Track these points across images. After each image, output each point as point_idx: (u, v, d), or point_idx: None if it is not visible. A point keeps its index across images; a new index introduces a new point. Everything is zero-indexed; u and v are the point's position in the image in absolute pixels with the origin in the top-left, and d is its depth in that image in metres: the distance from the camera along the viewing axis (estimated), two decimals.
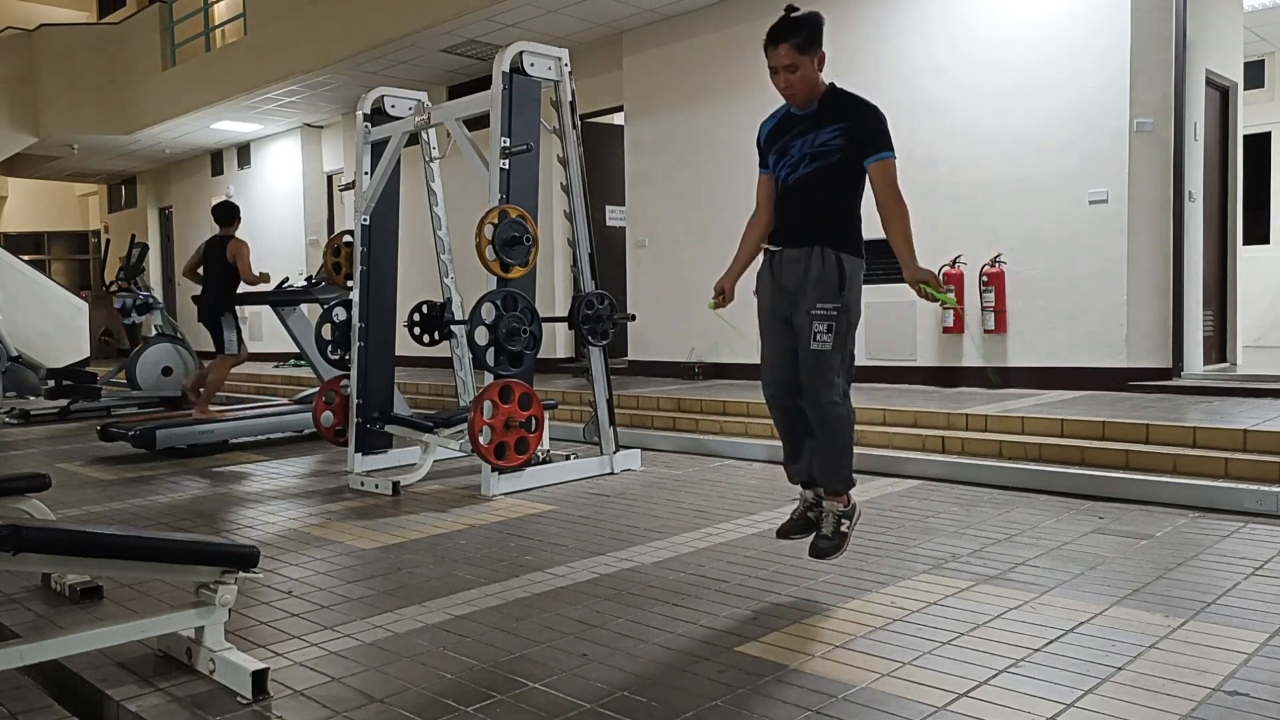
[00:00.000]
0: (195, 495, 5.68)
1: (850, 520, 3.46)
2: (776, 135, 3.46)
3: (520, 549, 4.18)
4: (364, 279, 6.24)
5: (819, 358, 3.25)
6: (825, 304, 3.24)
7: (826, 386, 3.26)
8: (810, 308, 3.26)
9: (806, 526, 3.52)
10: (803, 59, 3.29)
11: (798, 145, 3.35)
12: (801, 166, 3.34)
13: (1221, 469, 4.76)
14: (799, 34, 3.29)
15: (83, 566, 2.75)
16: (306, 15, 11.10)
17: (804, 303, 3.28)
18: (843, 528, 3.42)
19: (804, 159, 3.33)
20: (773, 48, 3.33)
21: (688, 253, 9.24)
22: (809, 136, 3.33)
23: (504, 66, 5.54)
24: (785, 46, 3.29)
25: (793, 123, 3.41)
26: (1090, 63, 6.81)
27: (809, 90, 3.34)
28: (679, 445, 6.84)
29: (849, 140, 3.27)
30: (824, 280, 3.26)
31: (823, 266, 3.27)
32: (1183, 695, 2.47)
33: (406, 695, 2.61)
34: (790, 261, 3.35)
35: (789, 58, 3.29)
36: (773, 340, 3.44)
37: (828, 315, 3.24)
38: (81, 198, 20.84)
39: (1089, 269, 6.87)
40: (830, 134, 3.29)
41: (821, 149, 3.30)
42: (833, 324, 3.23)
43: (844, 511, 3.45)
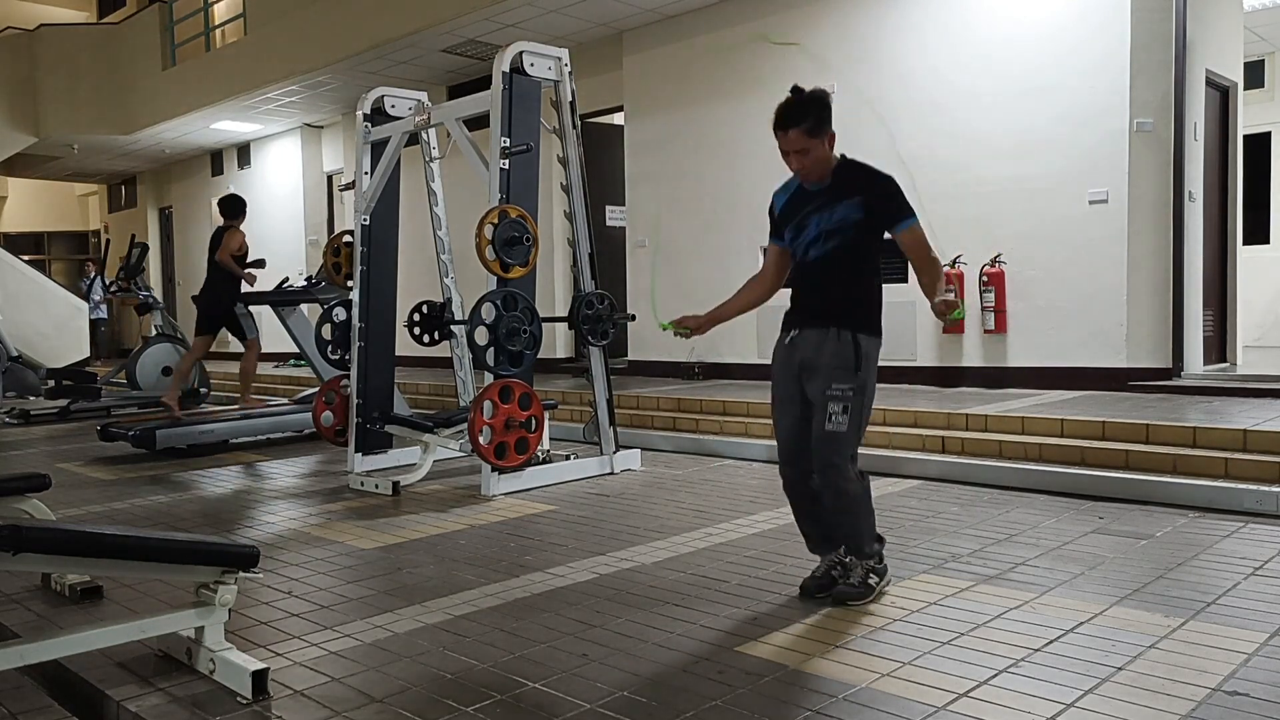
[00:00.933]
0: (195, 495, 5.68)
1: (880, 578, 3.39)
2: (792, 210, 3.46)
3: (520, 549, 4.18)
4: (364, 279, 6.24)
5: (833, 438, 3.26)
6: (841, 385, 3.25)
7: (840, 464, 3.27)
8: (826, 388, 3.26)
9: (831, 584, 3.41)
10: (813, 142, 3.28)
11: (814, 222, 3.35)
12: (819, 244, 3.34)
13: (1221, 469, 4.76)
14: (807, 119, 3.26)
15: (83, 566, 2.75)
16: (306, 15, 11.10)
17: (819, 381, 3.29)
18: (870, 581, 3.35)
19: (821, 236, 3.33)
20: (782, 133, 3.30)
21: (688, 253, 9.24)
22: (825, 213, 3.33)
23: (504, 66, 5.54)
24: (795, 132, 3.27)
25: (807, 198, 3.40)
26: (1090, 63, 6.81)
27: (822, 169, 3.35)
28: (679, 445, 6.84)
29: (867, 214, 3.28)
30: (840, 361, 3.27)
31: (838, 346, 3.28)
32: (1183, 695, 2.47)
33: (406, 695, 2.61)
34: (806, 342, 3.35)
35: (800, 142, 3.28)
36: (785, 420, 3.44)
37: (843, 396, 3.25)
38: (81, 198, 20.84)
39: (1089, 269, 6.87)
40: (848, 209, 3.29)
41: (839, 225, 3.30)
42: (848, 405, 3.24)
43: (873, 568, 3.38)
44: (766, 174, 8.99)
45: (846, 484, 3.28)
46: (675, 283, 9.34)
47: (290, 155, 14.35)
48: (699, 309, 3.24)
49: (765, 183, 9.43)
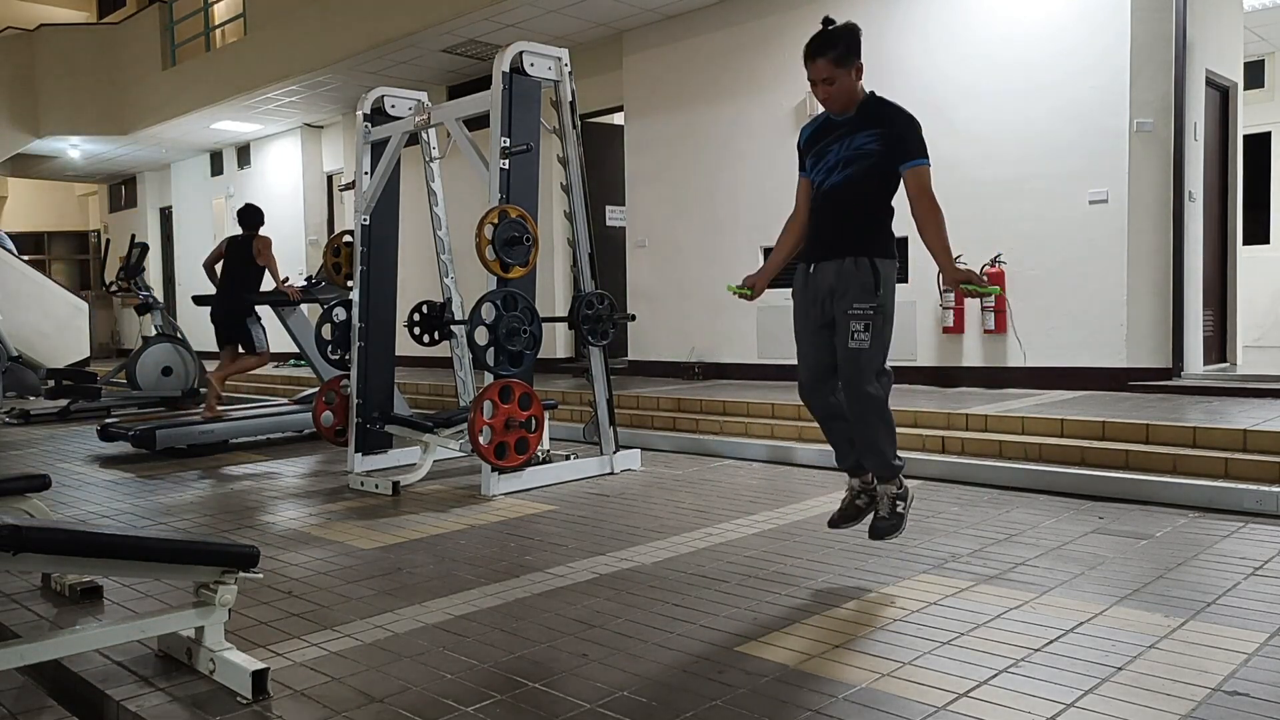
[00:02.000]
0: (195, 495, 5.68)
1: (905, 502, 3.58)
2: (815, 139, 3.56)
3: (520, 549, 4.18)
4: (364, 279, 6.24)
5: (856, 355, 3.37)
6: (861, 304, 3.37)
7: (864, 381, 3.39)
8: (847, 308, 3.38)
9: (855, 515, 3.66)
10: (840, 71, 3.37)
11: (834, 150, 3.46)
12: (836, 171, 3.44)
13: (1221, 469, 4.76)
14: (835, 47, 3.36)
15: (83, 566, 2.75)
16: (306, 15, 11.10)
17: (840, 303, 3.40)
18: (898, 509, 3.56)
19: (839, 163, 3.44)
20: (810, 61, 3.40)
21: (688, 253, 9.24)
22: (845, 141, 3.43)
23: (504, 66, 5.54)
24: (823, 60, 3.37)
25: (831, 128, 3.51)
26: (1090, 63, 6.81)
27: (847, 99, 3.43)
28: (679, 445, 6.84)
29: (884, 145, 3.37)
30: (860, 283, 3.38)
31: (856, 271, 3.39)
32: (1183, 695, 2.47)
33: (406, 695, 2.61)
34: (824, 272, 3.46)
35: (826, 71, 3.37)
36: (809, 346, 3.56)
37: (864, 315, 3.36)
38: (81, 198, 20.84)
39: (1089, 269, 6.87)
40: (866, 139, 3.39)
41: (856, 153, 3.40)
42: (869, 323, 3.36)
43: (898, 494, 3.57)
44: (767, 174, 9.05)
45: (869, 394, 3.40)
46: (675, 282, 9.35)
47: (290, 155, 14.35)
48: (699, 309, 3.26)
49: (765, 183, 9.47)
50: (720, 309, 8.88)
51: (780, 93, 8.38)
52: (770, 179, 8.46)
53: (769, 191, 8.46)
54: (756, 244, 8.67)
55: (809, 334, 3.54)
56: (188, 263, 16.40)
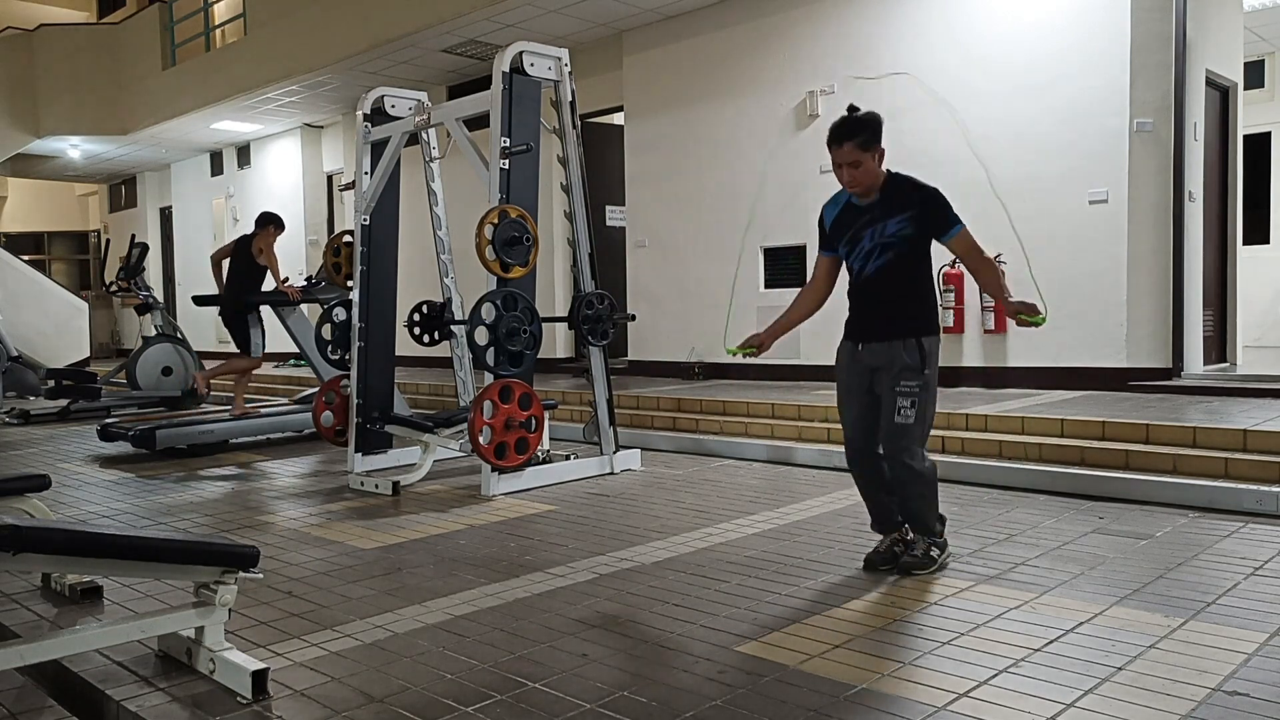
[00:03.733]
0: (195, 495, 5.68)
1: (941, 552, 3.65)
2: (843, 225, 3.64)
3: (520, 549, 4.18)
4: (364, 279, 6.24)
5: (903, 430, 3.51)
6: (908, 383, 3.50)
7: (908, 454, 3.51)
8: (895, 385, 3.52)
9: (893, 559, 3.69)
10: (864, 155, 3.47)
11: (868, 236, 3.56)
12: (874, 258, 3.55)
13: (1221, 469, 4.76)
14: (861, 134, 3.46)
15: (83, 566, 2.75)
16: (306, 15, 11.10)
17: (888, 379, 3.53)
18: (932, 553, 3.62)
19: (875, 249, 3.54)
20: (836, 146, 3.49)
21: (688, 253, 9.24)
22: (878, 227, 3.54)
23: (504, 66, 5.54)
24: (849, 145, 3.46)
25: (858, 212, 3.60)
26: (1090, 63, 6.81)
27: (870, 183, 3.53)
28: (679, 445, 6.84)
29: (917, 229, 3.50)
30: (907, 362, 3.50)
31: (904, 351, 3.51)
32: (1183, 695, 2.47)
33: (406, 695, 2.61)
34: (873, 353, 3.58)
35: (852, 155, 3.47)
36: (855, 418, 3.68)
37: (910, 392, 3.50)
38: (81, 198, 20.83)
39: (1089, 269, 6.87)
40: (898, 224, 3.50)
41: (891, 239, 3.52)
42: (915, 399, 3.50)
43: (935, 542, 3.65)
44: (766, 174, 9.05)
45: (916, 470, 3.52)
46: (675, 282, 9.35)
47: (290, 155, 14.35)
48: (699, 309, 3.27)
49: (765, 183, 9.46)
50: (720, 309, 8.88)
51: (780, 93, 8.38)
52: (770, 179, 8.46)
53: (769, 191, 8.47)
54: (756, 244, 8.68)
55: (855, 407, 3.66)
56: (188, 263, 16.41)
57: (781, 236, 8.45)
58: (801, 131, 8.21)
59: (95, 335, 15.17)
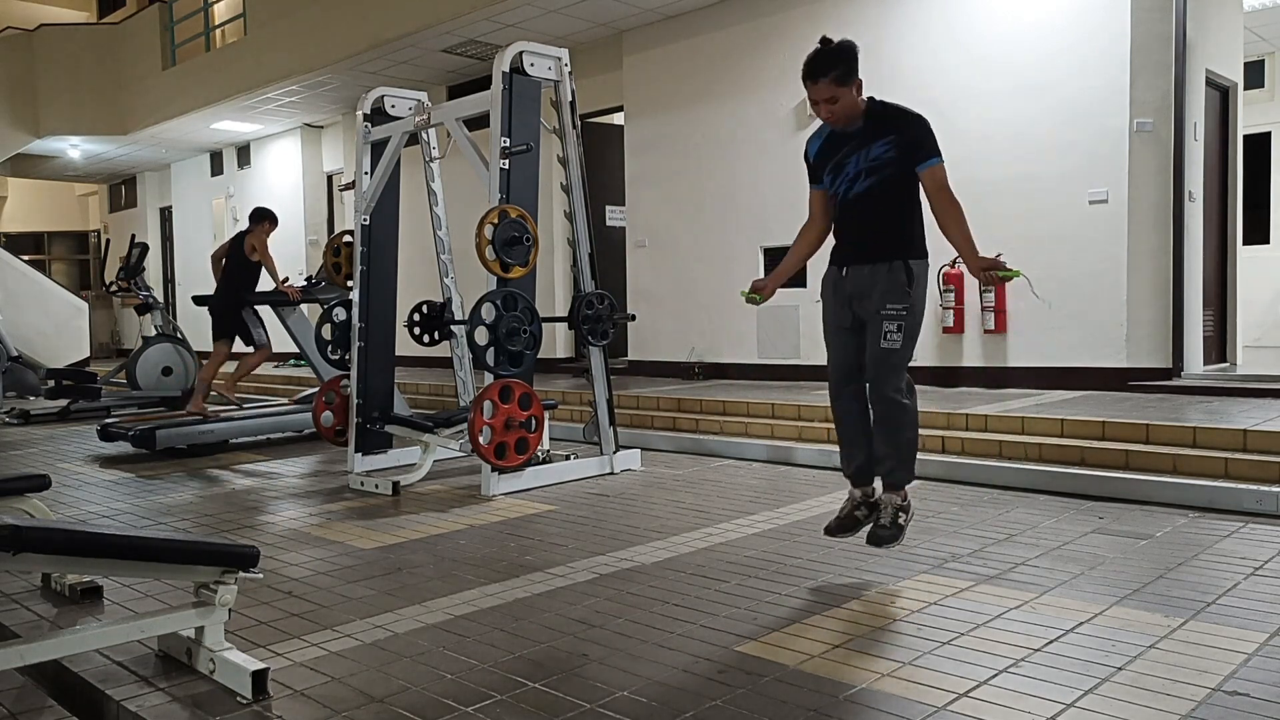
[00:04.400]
0: (195, 495, 5.68)
1: (906, 515, 3.60)
2: (828, 153, 3.58)
3: (520, 549, 4.18)
4: (364, 279, 6.24)
5: (889, 355, 3.43)
6: (895, 304, 3.43)
7: (895, 380, 3.44)
8: (880, 308, 3.44)
9: (853, 525, 3.67)
10: (842, 90, 3.41)
11: (852, 161, 3.49)
12: (859, 182, 3.49)
13: (1221, 469, 4.76)
14: (836, 67, 3.39)
15: (83, 566, 2.75)
16: (306, 15, 11.10)
17: (873, 304, 3.45)
18: (900, 520, 3.58)
19: (860, 174, 3.48)
20: (811, 83, 3.41)
21: (688, 253, 9.24)
22: (862, 152, 3.47)
23: (504, 66, 5.54)
24: (824, 81, 3.39)
25: (842, 140, 3.54)
26: (1090, 63, 6.81)
27: (851, 114, 3.47)
28: (679, 445, 6.84)
29: (899, 152, 3.43)
30: (893, 284, 3.43)
31: (890, 273, 3.44)
32: (1183, 695, 2.47)
33: (406, 695, 2.61)
34: (858, 275, 3.51)
35: (829, 91, 3.40)
36: (838, 347, 3.62)
37: (897, 315, 3.42)
38: (81, 198, 20.84)
39: (1089, 269, 6.87)
40: (882, 148, 3.44)
41: (875, 163, 3.45)
42: (902, 323, 3.42)
43: (901, 505, 3.59)
44: (766, 174, 9.04)
45: (900, 403, 3.45)
46: (675, 282, 9.35)
47: (290, 155, 14.35)
48: (699, 309, 3.27)
49: (765, 183, 9.46)
50: (720, 309, 8.88)
51: (780, 93, 8.37)
52: (770, 179, 8.46)
53: (769, 191, 8.46)
54: (756, 244, 8.67)
55: (839, 335, 3.60)
56: (187, 263, 16.41)
57: (782, 236, 8.44)
58: (801, 131, 8.20)
59: (95, 335, 15.17)
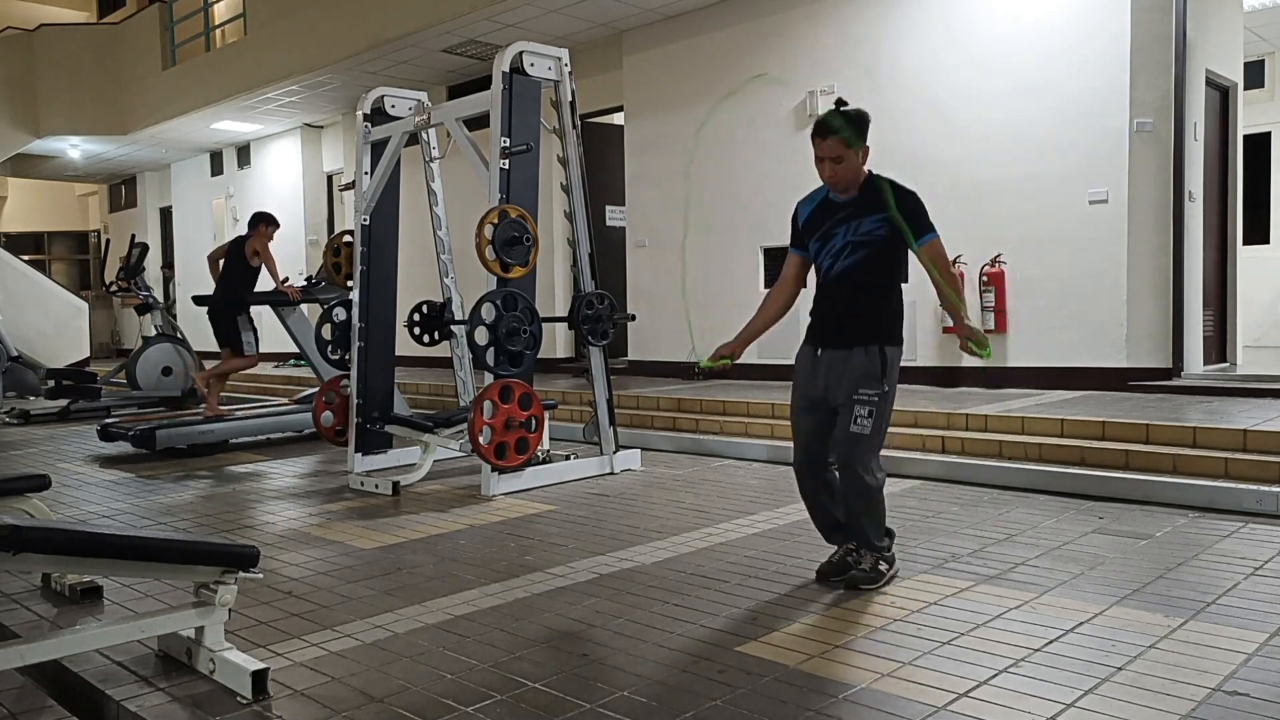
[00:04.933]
0: (195, 495, 5.68)
1: (889, 566, 3.55)
2: (817, 221, 3.56)
3: (520, 549, 4.18)
4: (364, 279, 6.24)
5: (857, 440, 3.41)
6: (867, 391, 3.41)
7: (862, 465, 3.42)
8: (853, 392, 3.42)
9: (845, 568, 3.59)
10: (848, 152, 3.40)
11: (841, 232, 3.47)
12: (845, 256, 3.46)
13: (1221, 469, 4.76)
14: (848, 129, 3.39)
15: (83, 566, 2.75)
16: (306, 15, 11.10)
17: (845, 387, 3.43)
18: (880, 567, 3.53)
19: (847, 247, 3.46)
20: (820, 139, 3.42)
21: (688, 252, 9.23)
22: (852, 224, 3.45)
23: (504, 66, 5.54)
24: (834, 139, 3.39)
25: (834, 209, 3.51)
26: (1090, 63, 6.81)
27: (852, 179, 3.46)
28: (679, 445, 6.84)
29: (891, 230, 3.40)
30: (868, 370, 3.41)
31: (865, 359, 3.42)
32: (1183, 695, 2.48)
33: (406, 695, 2.61)
34: (833, 359, 3.48)
35: (837, 150, 3.40)
36: (806, 421, 3.58)
37: (869, 401, 3.40)
38: (81, 198, 20.83)
39: (1089, 269, 6.87)
40: (874, 223, 3.42)
41: (865, 237, 3.43)
42: (873, 409, 3.40)
43: (884, 557, 3.56)
44: (766, 174, 9.04)
45: (867, 484, 3.42)
46: (675, 282, 9.34)
47: (290, 155, 14.35)
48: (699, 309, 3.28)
49: (764, 183, 9.46)
50: (720, 309, 8.88)
51: (780, 93, 8.37)
52: (770, 179, 8.46)
53: (768, 191, 8.46)
54: (756, 244, 8.67)
55: (809, 414, 3.56)
56: (187, 263, 16.40)
57: (781, 237, 8.43)
58: (801, 131, 8.20)
59: (95, 335, 15.17)
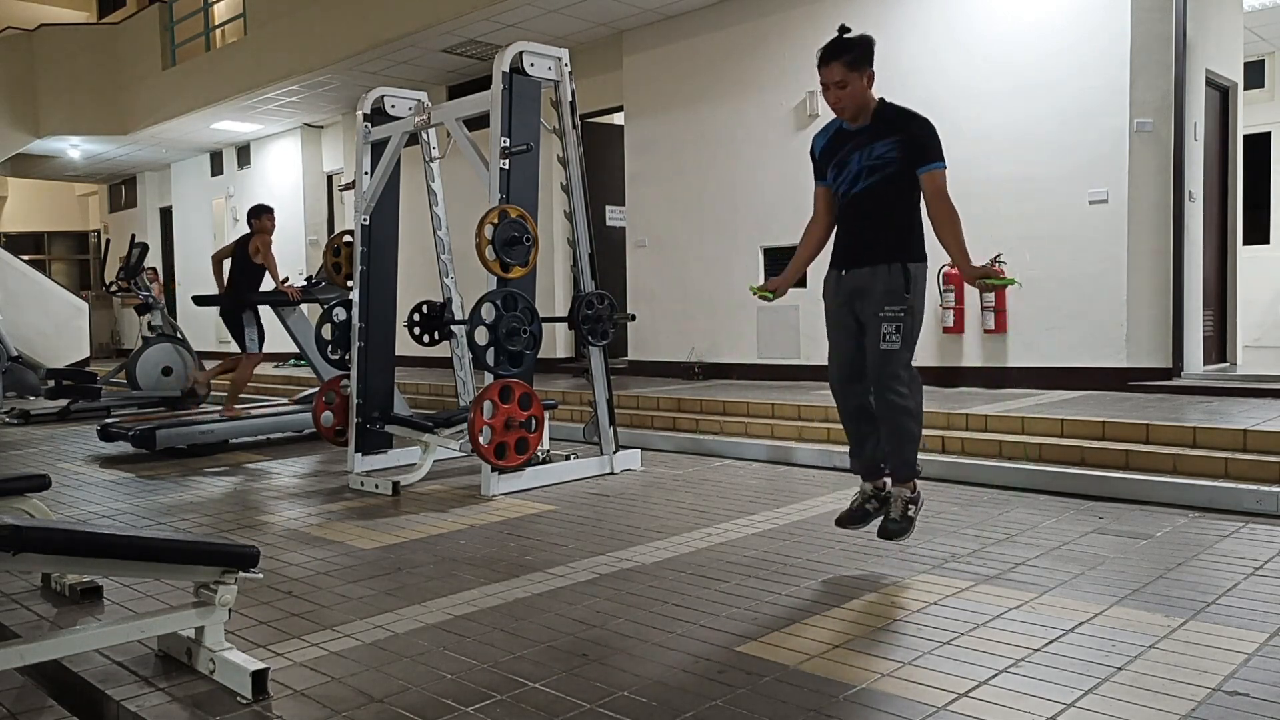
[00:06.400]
0: (195, 495, 5.68)
1: (916, 506, 3.64)
2: (832, 150, 3.62)
3: (520, 549, 4.18)
4: (364, 279, 6.24)
5: (888, 356, 3.47)
6: (893, 306, 3.46)
7: (895, 381, 3.48)
8: (879, 310, 3.47)
9: (864, 518, 3.70)
10: (852, 75, 3.45)
11: (855, 159, 3.53)
12: (860, 180, 3.52)
13: (1221, 469, 4.76)
14: (850, 52, 3.45)
15: (83, 566, 2.75)
16: (306, 15, 11.10)
17: (872, 305, 3.50)
18: (910, 512, 3.62)
19: (862, 172, 3.51)
20: (824, 65, 3.47)
21: (688, 253, 9.24)
22: (865, 150, 3.51)
23: (504, 66, 5.54)
24: (837, 64, 3.45)
25: (847, 137, 3.57)
26: (1090, 63, 6.81)
27: (858, 106, 3.51)
28: (679, 445, 6.84)
29: (903, 152, 3.46)
30: (892, 287, 3.47)
31: (889, 275, 3.47)
32: (1183, 695, 2.47)
33: (406, 695, 2.61)
34: (858, 277, 3.55)
35: (839, 74, 3.45)
36: (839, 340, 3.66)
37: (895, 317, 3.45)
38: (81, 198, 20.84)
39: (1089, 269, 6.87)
40: (885, 147, 3.47)
41: (878, 161, 3.48)
42: (900, 324, 3.46)
43: (910, 498, 3.63)
44: (766, 174, 9.04)
45: (901, 397, 3.48)
46: (676, 283, 9.35)
47: (290, 155, 14.35)
48: (700, 309, 3.29)
49: (765, 183, 9.45)
50: (720, 309, 8.88)
51: (780, 93, 8.38)
52: (770, 179, 8.46)
53: (768, 191, 8.47)
54: (756, 244, 8.67)
55: (841, 335, 3.64)
56: (187, 262, 16.41)
57: (782, 236, 8.44)
58: (801, 131, 8.20)
59: (95, 335, 15.17)
